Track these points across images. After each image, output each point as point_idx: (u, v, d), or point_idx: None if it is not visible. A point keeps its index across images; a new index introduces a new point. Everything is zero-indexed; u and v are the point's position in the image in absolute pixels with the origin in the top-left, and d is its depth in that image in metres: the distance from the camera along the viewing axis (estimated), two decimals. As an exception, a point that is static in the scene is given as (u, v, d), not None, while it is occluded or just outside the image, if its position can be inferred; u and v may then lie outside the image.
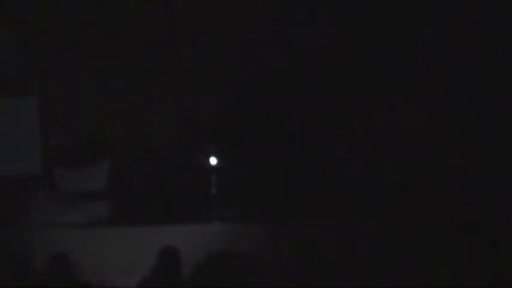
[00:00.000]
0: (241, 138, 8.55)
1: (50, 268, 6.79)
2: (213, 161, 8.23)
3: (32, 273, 6.83)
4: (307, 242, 7.21)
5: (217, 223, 7.63)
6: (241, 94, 8.69)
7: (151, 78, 8.74)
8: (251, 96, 8.67)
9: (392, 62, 8.49)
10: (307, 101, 8.61)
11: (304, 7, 8.64)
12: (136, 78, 8.74)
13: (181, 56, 8.73)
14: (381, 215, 7.50)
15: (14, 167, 8.39)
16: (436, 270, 7.05)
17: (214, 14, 8.71)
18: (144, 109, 8.79)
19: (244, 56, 8.67)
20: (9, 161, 8.40)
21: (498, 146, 8.17)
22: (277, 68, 8.63)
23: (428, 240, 7.18)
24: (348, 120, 8.55)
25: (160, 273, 6.64)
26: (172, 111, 8.76)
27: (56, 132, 8.66)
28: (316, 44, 8.63)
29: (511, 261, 6.84)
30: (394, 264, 7.08)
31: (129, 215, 7.71)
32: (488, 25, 8.30)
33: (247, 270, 6.89)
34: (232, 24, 8.67)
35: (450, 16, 8.38)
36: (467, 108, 8.29)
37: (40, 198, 7.99)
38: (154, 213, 7.66)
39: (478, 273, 6.86)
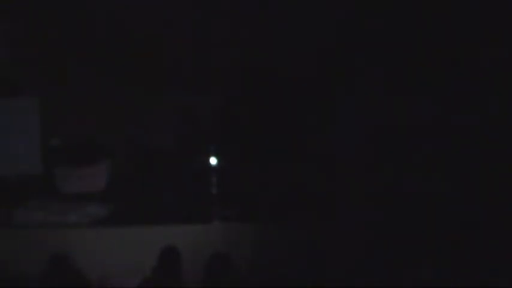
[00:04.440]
0: (241, 138, 8.55)
1: (50, 268, 6.79)
2: (213, 161, 8.23)
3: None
4: (307, 242, 7.21)
5: (217, 223, 7.63)
6: (240, 94, 8.70)
7: (151, 78, 8.74)
8: (251, 96, 8.67)
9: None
10: (307, 101, 8.62)
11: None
12: (137, 78, 8.74)
13: (181, 55, 8.73)
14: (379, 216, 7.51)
15: (14, 167, 8.39)
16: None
17: (213, 14, 8.72)
18: (144, 109, 8.80)
19: (244, 56, 8.69)
20: (9, 161, 8.40)
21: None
22: (276, 68, 8.64)
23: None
24: (348, 119, 8.56)
25: (160, 273, 6.64)
26: (172, 111, 8.77)
27: (56, 132, 8.66)
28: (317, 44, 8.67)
29: None
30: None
31: (129, 215, 7.71)
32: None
33: (246, 269, 6.91)
34: (231, 23, 8.69)
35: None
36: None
37: (40, 198, 7.99)
38: (154, 213, 7.65)
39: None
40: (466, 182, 7.94)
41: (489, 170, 8.03)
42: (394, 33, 8.51)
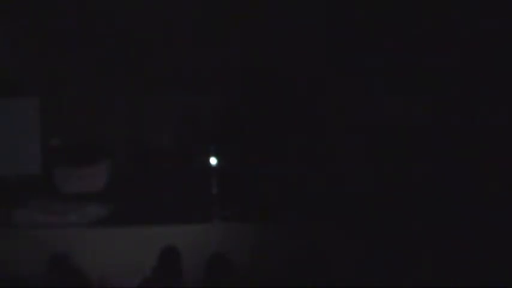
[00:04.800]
0: (241, 138, 8.55)
1: (50, 268, 6.79)
2: (213, 161, 8.23)
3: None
4: (307, 242, 7.21)
5: (217, 223, 7.62)
6: (241, 94, 8.70)
7: (151, 78, 8.75)
8: (251, 96, 8.67)
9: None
10: (307, 101, 8.63)
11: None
12: (137, 78, 8.74)
13: (181, 55, 8.73)
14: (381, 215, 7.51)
15: (14, 167, 8.39)
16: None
17: (213, 14, 8.72)
18: (144, 109, 8.80)
19: (244, 56, 8.69)
20: (9, 161, 8.40)
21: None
22: (276, 68, 8.64)
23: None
24: (348, 119, 8.56)
25: (160, 273, 6.65)
26: (172, 111, 8.77)
27: (56, 132, 8.66)
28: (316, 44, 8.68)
29: None
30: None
31: (129, 215, 7.71)
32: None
33: (246, 269, 6.91)
34: (232, 23, 8.69)
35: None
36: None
37: (40, 198, 7.99)
38: (154, 213, 7.65)
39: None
40: (466, 182, 7.95)
41: (489, 170, 8.04)
42: (394, 33, 8.51)
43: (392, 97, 8.52)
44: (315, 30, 8.65)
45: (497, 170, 8.02)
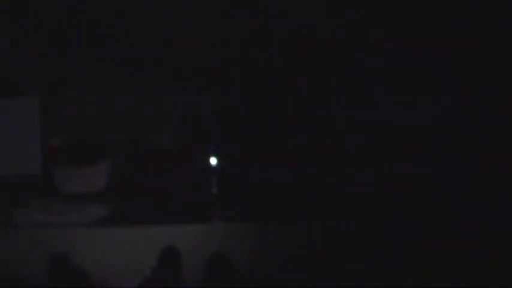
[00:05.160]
0: (241, 138, 8.55)
1: (50, 268, 6.79)
2: (213, 161, 8.23)
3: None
4: (307, 242, 7.21)
5: (217, 223, 7.62)
6: (241, 94, 8.69)
7: (151, 78, 8.74)
8: (251, 96, 8.67)
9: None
10: (307, 100, 8.62)
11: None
12: (137, 78, 8.74)
13: (181, 55, 8.73)
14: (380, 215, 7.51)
15: (14, 167, 8.39)
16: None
17: (213, 14, 8.72)
18: (144, 109, 8.80)
19: (244, 56, 8.68)
20: (9, 161, 8.40)
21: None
22: (276, 68, 8.64)
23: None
24: (348, 119, 8.56)
25: (160, 273, 6.65)
26: (172, 111, 8.76)
27: (56, 132, 8.66)
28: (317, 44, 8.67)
29: None
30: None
31: (129, 215, 7.71)
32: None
33: (246, 269, 6.90)
34: (232, 23, 8.68)
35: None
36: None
37: (40, 198, 7.99)
38: (154, 213, 7.65)
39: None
40: (466, 182, 7.94)
41: (489, 170, 8.04)
42: (394, 33, 8.51)
43: (392, 97, 8.52)
44: (315, 30, 8.65)
45: (497, 170, 8.02)
